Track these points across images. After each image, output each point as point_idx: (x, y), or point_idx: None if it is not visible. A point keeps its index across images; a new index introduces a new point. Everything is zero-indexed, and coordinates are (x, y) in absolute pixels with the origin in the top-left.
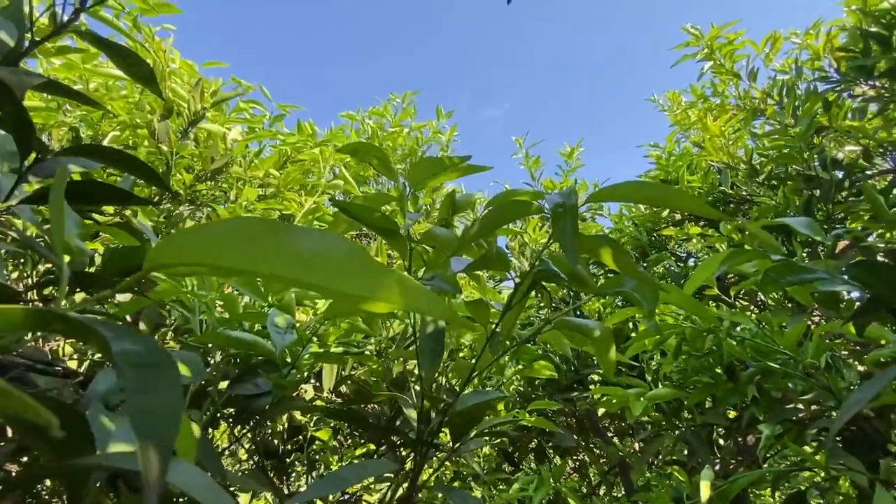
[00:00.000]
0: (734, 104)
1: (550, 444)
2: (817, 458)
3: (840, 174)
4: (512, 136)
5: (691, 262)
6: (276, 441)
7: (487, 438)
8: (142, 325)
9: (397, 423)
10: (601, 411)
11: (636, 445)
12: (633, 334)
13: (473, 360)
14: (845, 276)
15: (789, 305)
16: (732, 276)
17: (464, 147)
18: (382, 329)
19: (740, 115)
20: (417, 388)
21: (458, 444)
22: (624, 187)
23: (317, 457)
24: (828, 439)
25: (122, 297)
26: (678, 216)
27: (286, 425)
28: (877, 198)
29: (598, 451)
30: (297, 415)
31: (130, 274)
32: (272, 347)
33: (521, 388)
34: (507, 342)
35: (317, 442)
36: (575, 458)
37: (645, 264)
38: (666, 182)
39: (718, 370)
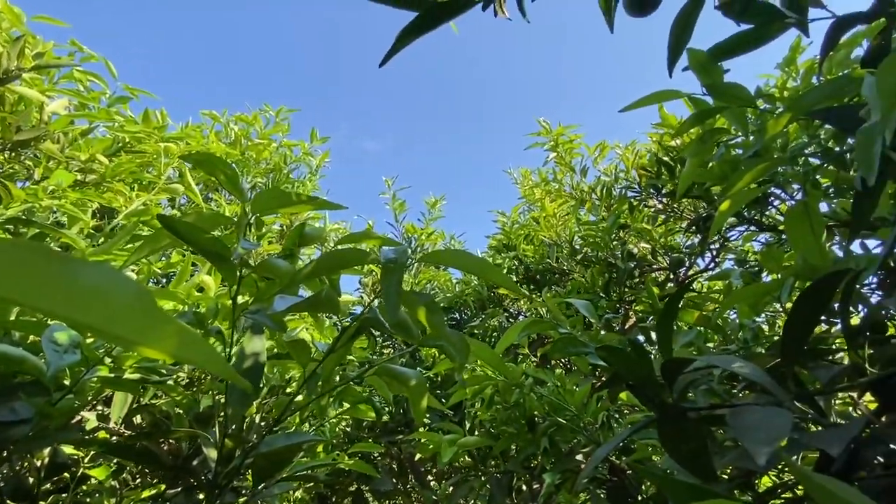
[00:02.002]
0: (569, 191)
1: (368, 489)
2: None
3: (633, 265)
4: (388, 172)
5: (521, 318)
6: (31, 479)
7: (297, 483)
8: None
9: (195, 462)
10: (418, 456)
11: (450, 489)
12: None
13: (290, 400)
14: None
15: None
16: (550, 338)
17: (338, 174)
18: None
19: (570, 202)
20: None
21: (259, 488)
22: (449, 254)
23: (87, 500)
24: (577, 482)
25: None
26: (513, 277)
27: (46, 460)
28: (652, 291)
29: (414, 496)
30: (70, 448)
31: None
32: (44, 367)
33: (349, 430)
34: (331, 383)
35: (91, 481)
36: (393, 502)
37: (484, 315)
38: (507, 246)
39: (522, 422)
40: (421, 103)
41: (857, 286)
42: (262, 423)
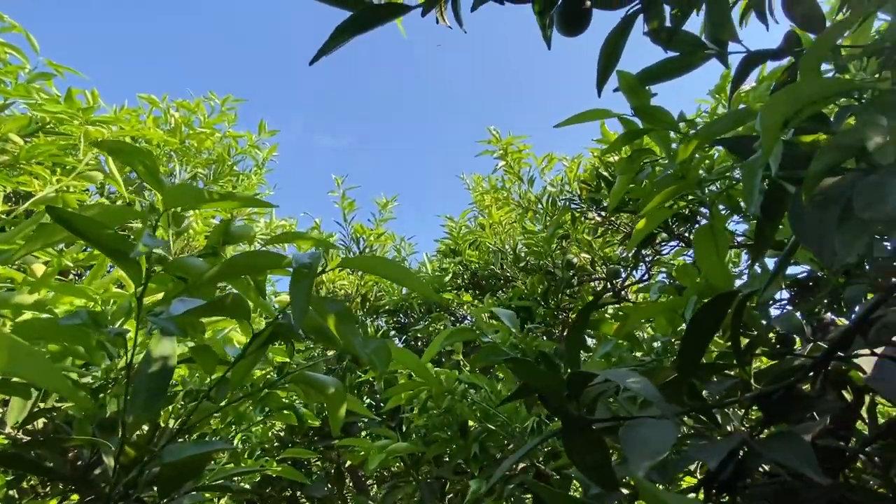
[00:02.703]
0: (516, 199)
1: (302, 494)
2: None
3: (572, 273)
4: (345, 169)
5: (467, 322)
6: None
7: (214, 494)
8: None
9: (97, 472)
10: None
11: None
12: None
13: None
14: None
15: None
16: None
17: (292, 168)
18: (108, 358)
19: (518, 210)
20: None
21: (164, 500)
22: (369, 260)
23: None
24: (490, 484)
25: None
26: (459, 281)
27: None
28: (586, 300)
29: (350, 501)
30: None
31: None
32: None
33: (282, 434)
34: (244, 389)
35: None
36: None
37: (429, 319)
38: (454, 251)
39: (455, 427)
40: (382, 103)
41: (754, 304)
42: (177, 430)
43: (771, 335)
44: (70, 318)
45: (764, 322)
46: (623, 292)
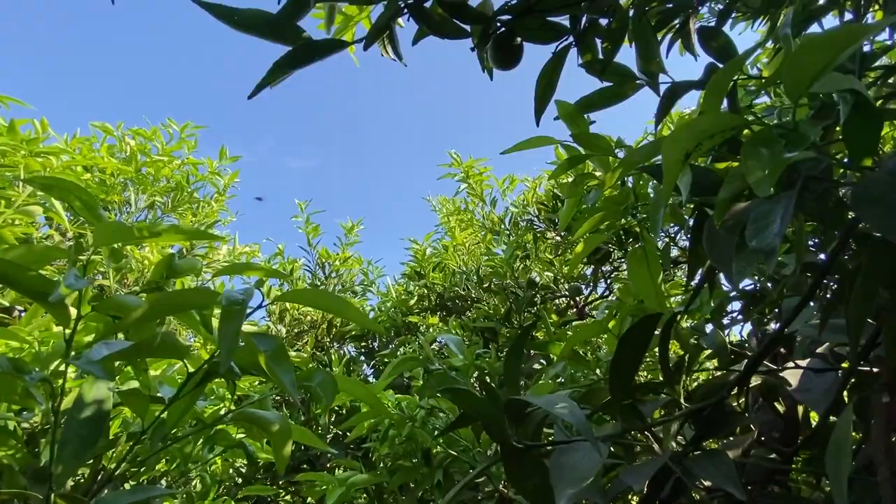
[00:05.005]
0: (480, 219)
1: None
2: None
3: (533, 292)
4: (313, 191)
5: (437, 343)
6: None
7: None
8: None
9: None
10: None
11: None
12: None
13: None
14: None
15: None
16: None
17: (259, 190)
18: (46, 402)
19: (481, 230)
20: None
21: None
22: (308, 293)
23: None
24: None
25: None
26: (425, 303)
27: None
28: (545, 318)
29: None
30: None
31: None
32: None
33: (244, 470)
34: (182, 429)
35: None
36: None
37: (395, 343)
38: (419, 274)
39: (419, 454)
40: (351, 124)
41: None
42: (118, 475)
43: (703, 353)
44: None
45: (694, 340)
46: (586, 308)
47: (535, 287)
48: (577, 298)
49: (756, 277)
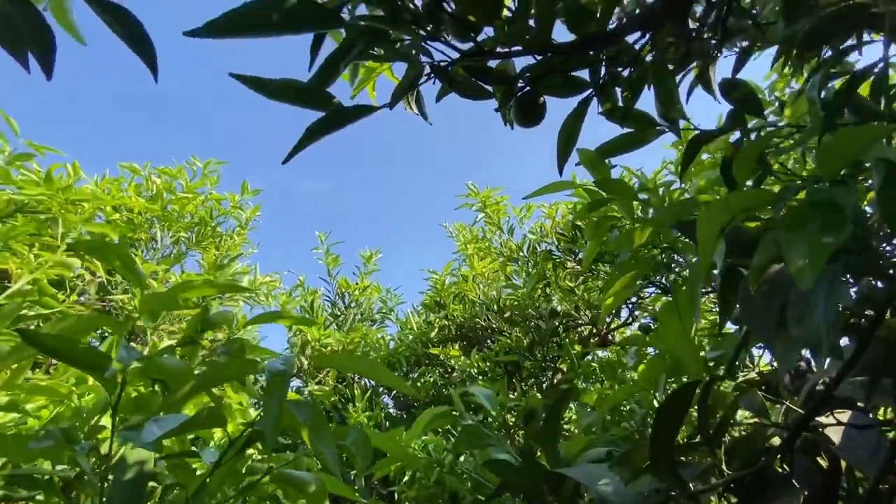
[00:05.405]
0: (497, 247)
1: None
2: None
3: (556, 323)
4: (329, 214)
5: (454, 372)
6: None
7: None
8: None
9: None
10: None
11: None
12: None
13: None
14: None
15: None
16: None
17: (276, 213)
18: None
19: (499, 258)
20: None
21: None
22: (343, 358)
23: None
24: None
25: None
26: (445, 333)
27: None
28: (569, 351)
29: None
30: None
31: None
32: None
33: None
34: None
35: None
36: None
37: (417, 371)
38: (439, 304)
39: (446, 496)
40: (368, 146)
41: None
42: None
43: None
44: (42, 441)
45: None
46: (610, 336)
47: (557, 316)
48: (600, 326)
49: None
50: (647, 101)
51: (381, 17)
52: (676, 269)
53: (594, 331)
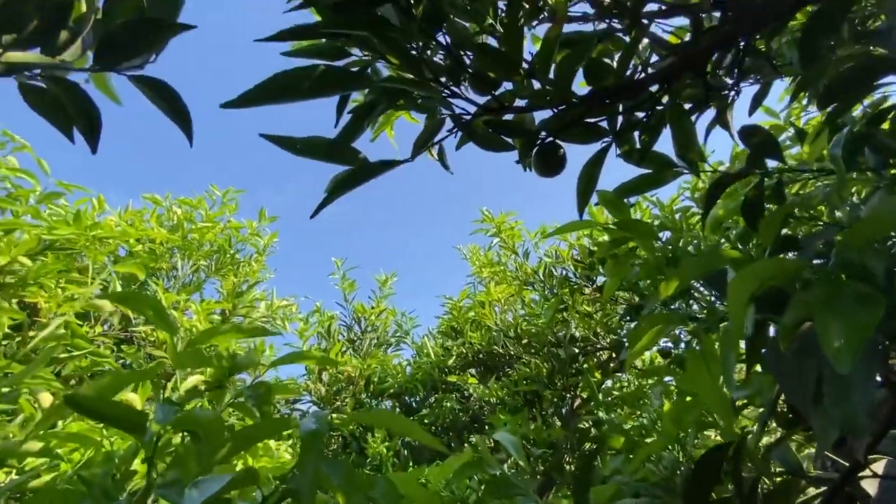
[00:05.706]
0: (513, 270)
1: None
2: None
3: (576, 350)
4: (344, 229)
5: (472, 398)
6: None
7: None
8: None
9: None
10: None
11: None
12: None
13: None
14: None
15: None
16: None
17: (293, 230)
18: None
19: (515, 282)
20: None
21: None
22: (375, 415)
23: None
24: None
25: None
26: (463, 360)
27: None
28: (589, 381)
29: None
30: None
31: None
32: None
33: None
34: None
35: None
36: None
37: (435, 397)
38: (455, 330)
39: None
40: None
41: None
42: None
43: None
44: (83, 501)
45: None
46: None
47: (576, 342)
48: (620, 352)
49: None
50: (664, 141)
51: (404, 78)
52: (698, 314)
53: (612, 355)
